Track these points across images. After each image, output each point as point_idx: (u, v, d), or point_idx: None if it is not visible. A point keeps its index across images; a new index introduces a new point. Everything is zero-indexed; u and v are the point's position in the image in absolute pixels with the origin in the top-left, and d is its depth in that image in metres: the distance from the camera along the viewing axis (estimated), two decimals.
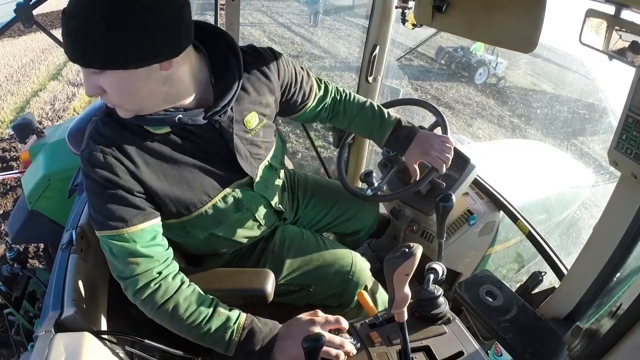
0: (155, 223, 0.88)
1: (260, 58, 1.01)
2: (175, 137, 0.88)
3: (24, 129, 2.16)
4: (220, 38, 0.92)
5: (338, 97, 1.24)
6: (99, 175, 0.81)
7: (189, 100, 0.87)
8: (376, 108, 1.25)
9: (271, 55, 1.03)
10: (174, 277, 0.86)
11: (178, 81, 0.82)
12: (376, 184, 1.32)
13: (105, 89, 0.76)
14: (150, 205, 0.87)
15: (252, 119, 0.98)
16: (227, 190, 0.97)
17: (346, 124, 1.26)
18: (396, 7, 1.52)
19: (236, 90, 0.89)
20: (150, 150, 0.86)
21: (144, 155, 0.85)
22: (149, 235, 0.85)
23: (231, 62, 0.91)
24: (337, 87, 1.25)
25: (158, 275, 0.84)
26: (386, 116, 1.23)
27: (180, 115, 0.84)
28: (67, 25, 0.71)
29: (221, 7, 1.86)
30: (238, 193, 0.99)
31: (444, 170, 1.18)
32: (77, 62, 0.74)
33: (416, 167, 1.23)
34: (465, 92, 8.22)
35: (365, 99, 1.27)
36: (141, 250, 0.83)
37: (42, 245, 2.76)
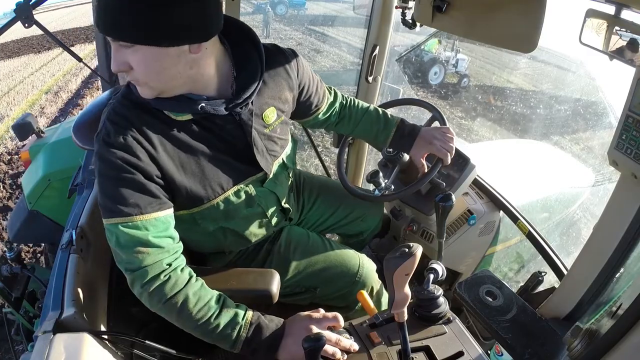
0: (169, 214, 0.86)
1: (282, 55, 1.03)
2: (195, 125, 0.88)
3: (23, 128, 2.16)
4: (243, 32, 0.94)
5: (344, 102, 1.27)
6: (117, 157, 0.79)
7: (211, 88, 0.88)
8: (379, 110, 1.28)
9: (292, 54, 1.05)
10: (182, 270, 0.85)
11: (204, 67, 0.84)
12: (383, 184, 1.32)
13: (132, 66, 0.77)
14: (165, 194, 0.86)
15: (271, 114, 0.99)
16: (241, 184, 0.97)
17: (351, 127, 1.28)
18: (396, 7, 1.52)
19: (258, 83, 0.91)
20: (170, 136, 0.86)
21: (163, 140, 0.85)
22: (162, 225, 0.84)
23: (253, 56, 0.92)
24: (341, 94, 1.28)
25: (168, 266, 0.83)
26: (389, 117, 1.26)
27: (204, 104, 0.84)
28: None
29: None
30: (251, 188, 0.99)
31: (449, 159, 1.19)
32: (109, 35, 0.75)
33: (423, 161, 1.25)
34: (410, 94, 7.50)
35: (368, 104, 1.29)
36: (153, 240, 0.81)
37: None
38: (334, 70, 9.17)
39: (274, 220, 1.11)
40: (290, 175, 1.16)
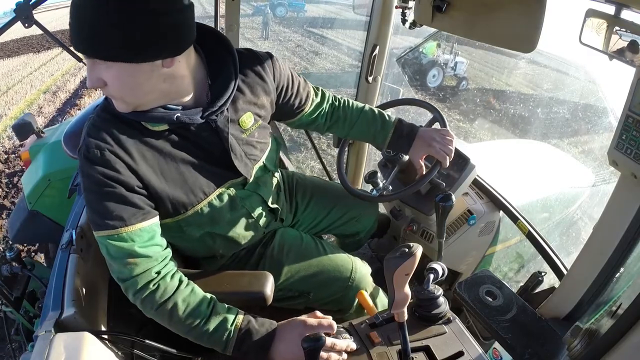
0: (154, 222, 0.87)
1: (256, 60, 1.03)
2: (172, 134, 0.89)
3: (23, 128, 2.16)
4: (217, 39, 0.94)
5: (336, 104, 1.26)
6: (98, 172, 0.81)
7: (187, 98, 0.88)
8: (376, 111, 1.26)
9: (267, 58, 1.05)
10: (172, 277, 0.86)
11: (178, 79, 0.84)
12: (381, 184, 1.32)
13: (107, 82, 0.78)
14: (149, 203, 0.87)
15: (248, 120, 0.99)
16: (222, 188, 0.98)
17: (347, 129, 1.26)
18: (396, 7, 1.52)
19: (233, 90, 0.91)
20: (148, 145, 0.87)
21: (142, 150, 0.86)
22: (147, 234, 0.85)
23: (228, 62, 0.93)
24: (334, 95, 1.27)
25: (157, 275, 0.84)
26: (386, 117, 1.25)
27: (179, 114, 0.85)
28: (77, 12, 0.72)
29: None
30: (232, 191, 1.00)
31: (448, 162, 1.18)
32: (83, 52, 0.75)
33: (422, 162, 1.24)
34: (408, 95, 7.08)
35: (363, 104, 1.28)
36: (139, 251, 0.83)
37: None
38: (331, 72, 9.07)
39: (262, 221, 1.11)
40: (276, 176, 1.16)
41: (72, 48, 0.82)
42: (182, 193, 0.91)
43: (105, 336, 0.87)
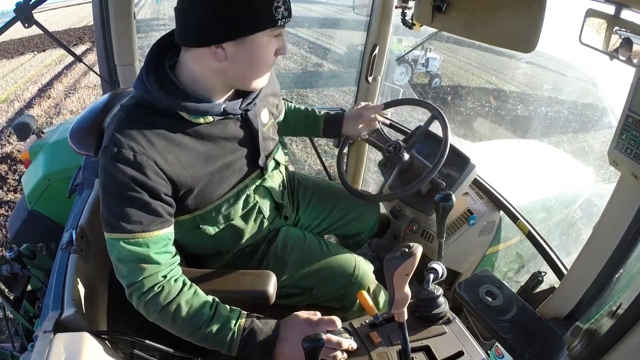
0: (170, 231, 0.88)
1: None
2: (209, 126, 0.90)
3: (23, 128, 2.16)
4: None
5: (287, 109, 1.36)
6: (125, 174, 0.79)
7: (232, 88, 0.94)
8: (309, 109, 1.39)
9: None
10: (176, 280, 0.87)
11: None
12: (380, 184, 1.33)
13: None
14: (169, 211, 0.86)
15: (265, 116, 1.05)
16: (242, 184, 1.00)
17: (291, 129, 1.38)
18: (396, 7, 1.52)
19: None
20: (182, 138, 0.87)
21: (174, 145, 0.85)
22: (162, 242, 0.85)
23: None
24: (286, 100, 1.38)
25: (163, 278, 0.85)
26: (317, 112, 1.39)
27: (225, 106, 0.87)
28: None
29: None
30: (250, 187, 1.02)
31: (377, 125, 1.35)
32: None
33: (362, 135, 1.36)
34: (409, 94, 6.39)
35: (299, 106, 1.40)
36: (153, 257, 0.83)
37: None
38: (292, 72, 8.57)
39: (269, 217, 1.13)
40: (282, 172, 1.19)
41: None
42: (208, 190, 0.93)
43: (105, 336, 0.87)
